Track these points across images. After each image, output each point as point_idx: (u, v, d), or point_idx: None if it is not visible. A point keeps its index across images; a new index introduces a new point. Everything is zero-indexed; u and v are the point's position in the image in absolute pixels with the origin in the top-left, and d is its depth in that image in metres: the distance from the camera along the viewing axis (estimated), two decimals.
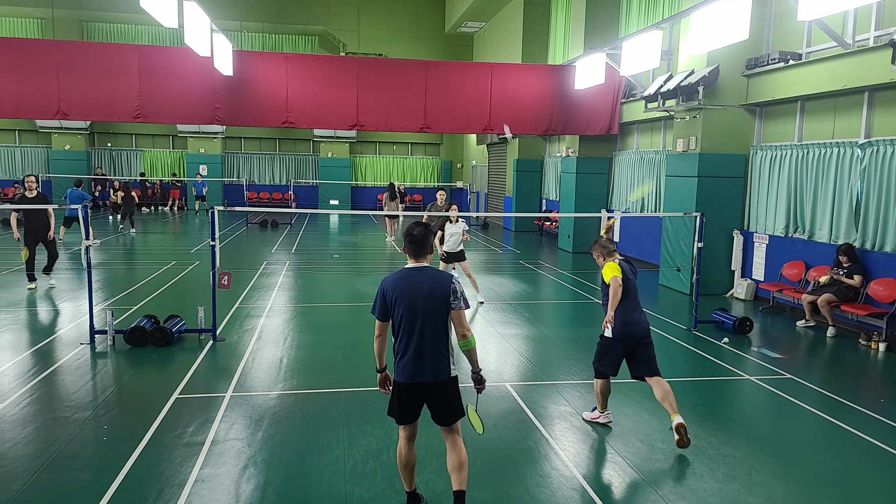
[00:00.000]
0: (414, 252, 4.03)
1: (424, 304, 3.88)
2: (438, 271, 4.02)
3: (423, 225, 4.08)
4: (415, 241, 4.00)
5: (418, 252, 4.01)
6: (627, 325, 5.39)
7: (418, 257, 4.03)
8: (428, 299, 3.88)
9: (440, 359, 3.91)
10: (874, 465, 5.13)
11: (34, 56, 13.24)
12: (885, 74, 8.47)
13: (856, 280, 8.93)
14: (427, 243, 4.03)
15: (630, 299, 5.41)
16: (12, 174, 28.61)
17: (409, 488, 4.21)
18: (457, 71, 15.33)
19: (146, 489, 4.42)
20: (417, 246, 4.00)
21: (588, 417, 5.78)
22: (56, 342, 7.88)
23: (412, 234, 4.01)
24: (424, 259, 4.05)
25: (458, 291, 3.94)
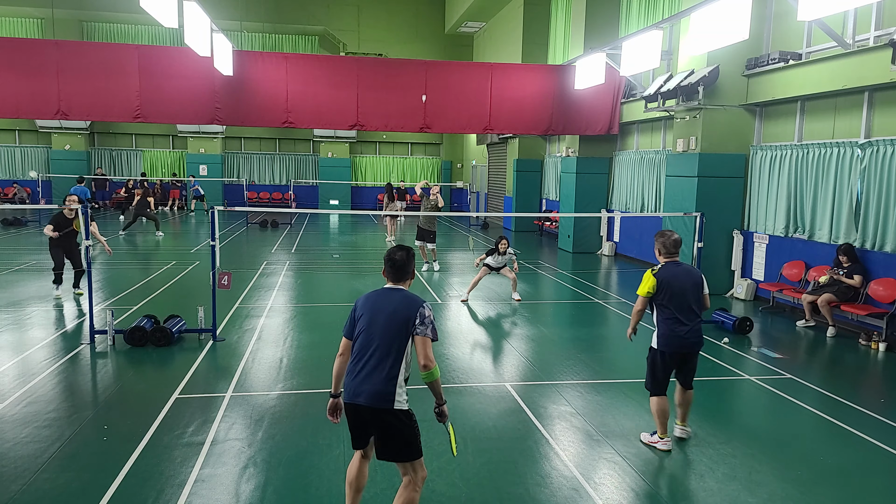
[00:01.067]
0: (393, 277, 3.84)
1: (384, 322, 3.61)
2: (413, 295, 3.76)
3: (406, 249, 3.90)
4: (396, 266, 3.81)
5: (397, 277, 3.83)
6: (672, 336, 5.02)
7: (397, 282, 3.84)
8: (390, 318, 3.61)
9: (385, 384, 3.54)
10: (874, 465, 5.13)
11: (34, 56, 13.24)
12: (885, 74, 8.47)
13: (856, 280, 8.93)
14: (408, 269, 3.85)
15: (678, 307, 5.01)
16: (12, 174, 28.62)
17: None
18: (457, 71, 15.32)
19: (146, 489, 4.42)
20: (398, 272, 3.82)
21: (646, 440, 5.32)
22: (56, 342, 7.87)
23: (393, 259, 3.82)
24: (403, 284, 3.85)
25: (427, 317, 3.62)
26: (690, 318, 5.05)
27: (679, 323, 5.01)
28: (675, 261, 5.15)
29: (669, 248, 5.12)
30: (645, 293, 5.07)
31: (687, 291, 5.03)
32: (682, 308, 5.02)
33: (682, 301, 5.02)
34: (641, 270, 6.63)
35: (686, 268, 5.13)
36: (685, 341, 5.04)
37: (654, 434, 5.30)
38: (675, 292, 5.01)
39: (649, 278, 5.05)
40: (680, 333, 5.02)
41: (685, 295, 5.02)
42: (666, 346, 5.06)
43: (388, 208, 18.35)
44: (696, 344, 5.10)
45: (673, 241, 5.11)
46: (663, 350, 5.08)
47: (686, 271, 5.10)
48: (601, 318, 10.11)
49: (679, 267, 5.11)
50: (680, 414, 5.39)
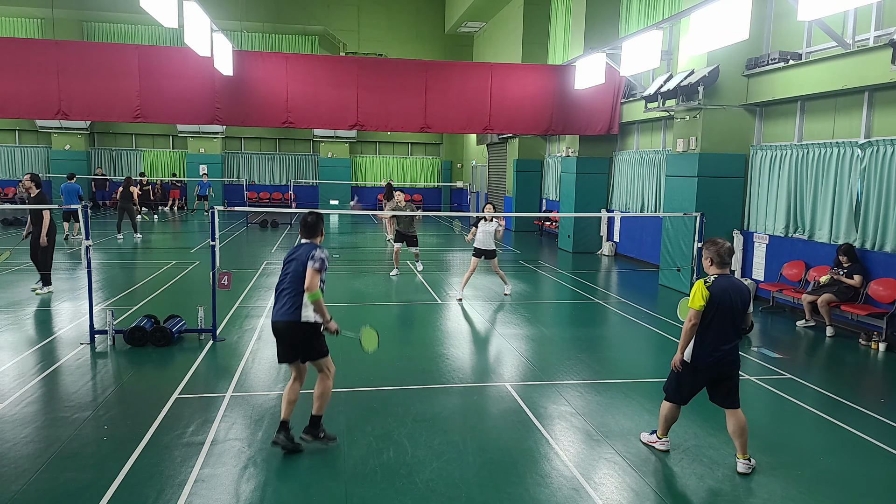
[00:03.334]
0: (305, 234, 5.13)
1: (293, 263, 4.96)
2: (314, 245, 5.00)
3: (316, 214, 5.21)
4: (307, 226, 5.12)
5: (309, 234, 5.13)
6: (715, 353, 4.70)
7: (308, 238, 5.12)
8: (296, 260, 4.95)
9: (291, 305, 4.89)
10: (874, 465, 5.13)
11: (34, 56, 13.24)
12: (885, 74, 8.47)
13: (856, 280, 8.93)
14: (317, 229, 5.15)
15: (722, 325, 4.67)
16: (12, 174, 28.61)
17: (284, 417, 4.99)
18: (457, 71, 15.32)
19: (146, 489, 4.42)
20: (309, 230, 5.13)
21: (645, 440, 5.29)
22: (56, 342, 7.87)
23: (306, 221, 5.14)
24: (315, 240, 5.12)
25: (318, 256, 4.85)
26: (732, 337, 4.73)
27: (721, 341, 4.69)
28: (726, 273, 4.77)
29: (724, 256, 4.74)
30: (699, 306, 4.64)
31: (736, 308, 4.70)
32: (726, 325, 4.69)
33: (730, 318, 4.69)
34: (641, 270, 6.60)
35: (737, 283, 4.79)
36: (723, 361, 4.73)
37: (653, 433, 5.28)
38: (728, 308, 4.66)
39: (702, 290, 4.64)
40: (722, 352, 4.70)
41: (734, 312, 4.70)
42: (701, 362, 4.75)
43: (387, 208, 18.33)
44: (733, 364, 4.79)
45: (727, 250, 4.76)
46: (696, 366, 4.78)
47: (737, 287, 4.75)
48: (601, 318, 10.11)
49: (730, 280, 4.75)
50: (739, 445, 4.86)
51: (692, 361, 4.79)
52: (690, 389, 4.92)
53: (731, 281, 4.76)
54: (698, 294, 4.66)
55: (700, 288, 4.67)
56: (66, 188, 17.78)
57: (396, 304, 10.73)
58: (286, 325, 4.93)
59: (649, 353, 8.34)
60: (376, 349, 5.35)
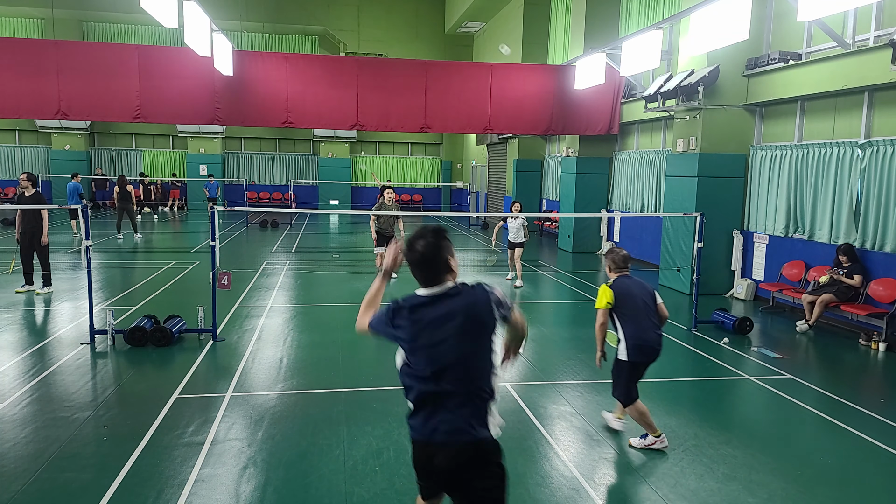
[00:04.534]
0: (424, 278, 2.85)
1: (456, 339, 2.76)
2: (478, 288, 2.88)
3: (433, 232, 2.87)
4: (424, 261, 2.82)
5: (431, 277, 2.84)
6: (642, 346, 5.06)
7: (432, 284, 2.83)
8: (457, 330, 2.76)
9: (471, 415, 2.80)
10: (874, 465, 5.13)
11: (34, 56, 13.24)
12: (885, 74, 8.47)
13: (856, 280, 8.94)
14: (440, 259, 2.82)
15: (639, 316, 5.05)
16: (12, 174, 28.61)
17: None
18: (457, 71, 15.32)
19: (146, 489, 4.42)
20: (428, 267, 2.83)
21: (638, 444, 5.24)
22: (56, 342, 7.87)
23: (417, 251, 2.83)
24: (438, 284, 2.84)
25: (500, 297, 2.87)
26: (652, 327, 5.11)
27: (644, 330, 5.07)
28: (625, 274, 5.26)
29: (619, 262, 5.28)
30: (604, 305, 5.11)
31: (645, 301, 5.11)
32: (644, 318, 5.08)
33: (642, 310, 5.08)
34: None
35: (638, 280, 5.25)
36: (653, 350, 5.12)
37: (645, 437, 5.26)
38: (635, 302, 5.08)
39: (606, 291, 5.11)
40: (647, 340, 5.08)
41: (645, 304, 5.10)
42: (636, 356, 5.10)
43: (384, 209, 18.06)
44: (658, 352, 5.18)
45: (622, 257, 5.28)
46: (633, 361, 5.11)
47: (639, 283, 5.21)
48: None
49: (630, 279, 5.22)
50: (620, 407, 5.45)
51: (628, 358, 5.11)
52: (634, 384, 5.21)
53: (632, 279, 5.24)
54: (603, 295, 5.12)
55: (604, 289, 5.14)
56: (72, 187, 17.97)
57: None
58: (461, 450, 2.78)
59: None
60: None
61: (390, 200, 12.31)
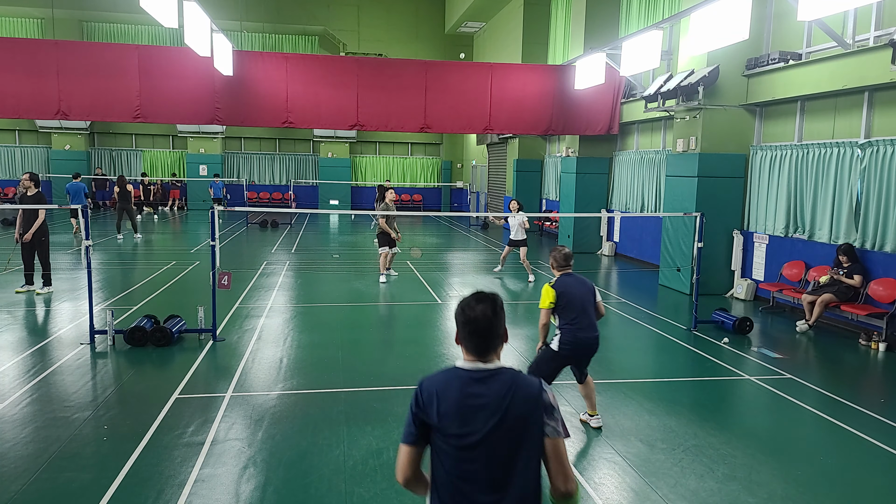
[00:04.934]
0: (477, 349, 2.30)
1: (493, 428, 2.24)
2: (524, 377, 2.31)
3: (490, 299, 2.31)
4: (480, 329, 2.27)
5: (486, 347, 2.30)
6: (574, 342, 5.33)
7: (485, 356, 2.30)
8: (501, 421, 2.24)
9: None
10: (874, 465, 5.13)
11: (34, 56, 13.24)
12: (885, 74, 8.47)
13: (856, 280, 8.93)
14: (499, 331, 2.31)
15: (577, 314, 5.31)
16: (12, 174, 28.61)
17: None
18: (457, 71, 15.33)
19: (146, 489, 4.42)
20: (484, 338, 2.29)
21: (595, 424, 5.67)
22: (56, 342, 7.87)
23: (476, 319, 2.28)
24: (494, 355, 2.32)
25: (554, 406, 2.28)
26: (589, 326, 5.35)
27: (580, 329, 5.30)
28: (568, 273, 5.49)
29: (560, 261, 5.49)
30: (547, 305, 5.30)
31: (584, 299, 5.36)
32: (582, 316, 5.32)
33: (580, 309, 5.32)
34: (641, 270, 6.65)
35: (580, 278, 5.49)
36: (587, 348, 5.39)
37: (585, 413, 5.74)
38: (574, 301, 5.31)
39: (549, 291, 5.31)
40: (581, 339, 5.33)
41: (583, 302, 5.34)
42: (567, 351, 5.34)
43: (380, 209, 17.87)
44: (594, 348, 5.44)
45: (564, 255, 5.50)
46: (564, 354, 5.36)
47: (580, 281, 5.46)
48: (601, 319, 10.09)
49: (573, 277, 5.46)
50: (589, 404, 5.70)
51: (559, 350, 5.36)
52: (553, 372, 5.46)
53: (574, 277, 5.46)
54: (546, 296, 5.31)
55: (546, 289, 5.34)
56: (73, 187, 17.95)
57: (396, 304, 10.73)
58: None
59: (649, 353, 8.34)
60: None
61: (391, 201, 12.46)
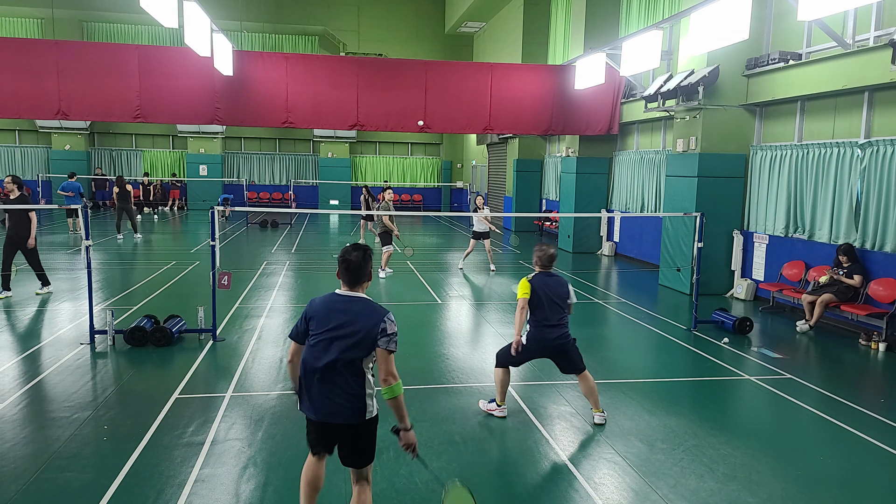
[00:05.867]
0: (349, 280, 3.54)
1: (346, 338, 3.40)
2: (373, 305, 3.51)
3: (362, 249, 3.57)
4: (350, 267, 3.52)
5: (354, 280, 3.54)
6: (540, 338, 5.54)
7: (353, 287, 3.54)
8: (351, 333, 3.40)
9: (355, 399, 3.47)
10: (874, 465, 5.13)
11: (34, 56, 13.24)
12: (885, 74, 8.47)
13: (856, 280, 8.93)
14: (364, 271, 3.55)
15: (547, 314, 5.52)
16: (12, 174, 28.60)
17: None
18: (457, 71, 15.33)
19: (146, 489, 4.42)
20: (354, 274, 3.53)
21: (483, 407, 5.91)
22: (56, 342, 7.87)
23: (348, 260, 3.52)
24: (360, 289, 3.57)
25: (390, 331, 3.41)
26: (557, 326, 5.56)
27: (547, 328, 5.52)
28: (548, 272, 5.70)
29: (545, 261, 5.67)
30: (522, 295, 5.54)
31: (556, 300, 5.56)
32: (551, 315, 5.52)
33: (548, 309, 5.52)
34: (641, 270, 6.66)
35: (558, 279, 5.69)
36: (552, 343, 5.57)
37: (491, 402, 5.86)
38: (544, 301, 5.51)
39: (524, 283, 5.55)
40: (547, 337, 5.54)
41: (554, 303, 5.54)
42: (533, 345, 5.59)
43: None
44: (563, 344, 5.61)
45: (548, 257, 5.66)
46: (531, 348, 5.60)
47: (557, 282, 5.65)
48: (601, 318, 10.11)
49: (550, 276, 5.67)
50: (592, 402, 5.79)
51: (526, 343, 5.61)
52: (522, 360, 5.68)
53: (552, 277, 5.68)
54: (522, 287, 5.57)
55: (523, 282, 5.59)
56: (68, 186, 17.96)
57: (396, 304, 10.73)
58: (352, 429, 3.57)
59: (649, 353, 8.34)
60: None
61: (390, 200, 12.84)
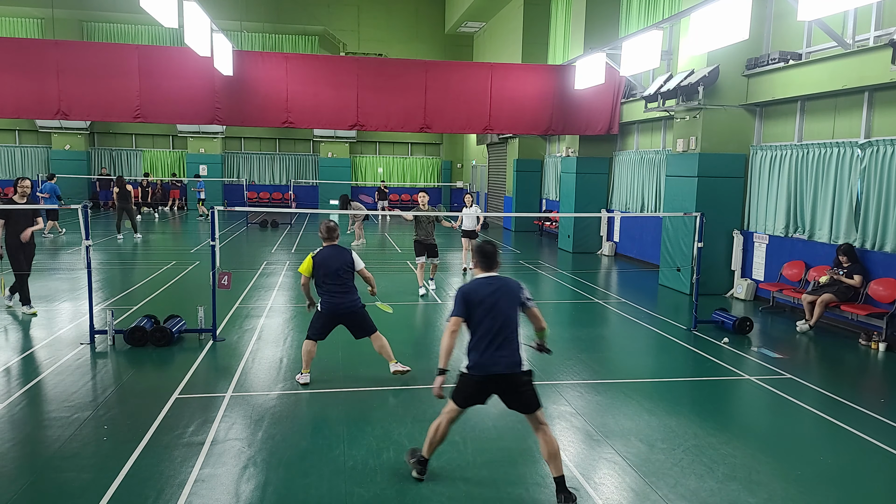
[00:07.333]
0: (487, 266, 4.55)
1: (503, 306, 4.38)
2: (508, 278, 4.53)
3: (492, 242, 4.65)
4: (487, 255, 4.54)
5: (490, 265, 4.55)
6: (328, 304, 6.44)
7: (491, 270, 4.55)
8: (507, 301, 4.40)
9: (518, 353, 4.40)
10: (874, 465, 5.13)
11: (34, 56, 13.24)
12: (885, 74, 8.47)
13: (856, 280, 8.93)
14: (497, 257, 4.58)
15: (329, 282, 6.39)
16: (12, 174, 28.59)
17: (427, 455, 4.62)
18: (457, 71, 15.32)
19: (146, 489, 4.42)
20: (489, 260, 4.55)
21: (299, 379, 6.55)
22: (56, 342, 7.87)
23: (485, 251, 4.55)
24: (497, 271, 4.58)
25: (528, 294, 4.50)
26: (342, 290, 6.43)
27: (332, 294, 6.42)
28: (332, 245, 6.54)
29: (324, 234, 6.57)
30: (305, 270, 6.45)
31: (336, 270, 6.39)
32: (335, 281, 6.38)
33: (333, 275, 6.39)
34: (641, 270, 6.62)
35: (338, 248, 6.54)
36: (338, 307, 6.43)
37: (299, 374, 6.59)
38: (328, 271, 6.37)
39: (308, 260, 6.45)
40: (334, 302, 6.42)
41: (336, 272, 6.39)
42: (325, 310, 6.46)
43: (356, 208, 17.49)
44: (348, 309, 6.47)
45: (326, 228, 6.58)
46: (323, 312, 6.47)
47: (337, 251, 6.49)
48: (601, 318, 10.11)
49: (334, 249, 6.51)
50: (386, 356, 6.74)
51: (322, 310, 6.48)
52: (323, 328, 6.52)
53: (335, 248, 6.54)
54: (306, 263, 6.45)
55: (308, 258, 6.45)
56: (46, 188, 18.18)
57: (397, 304, 10.72)
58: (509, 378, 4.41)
59: (649, 353, 8.34)
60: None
61: (424, 205, 11.30)
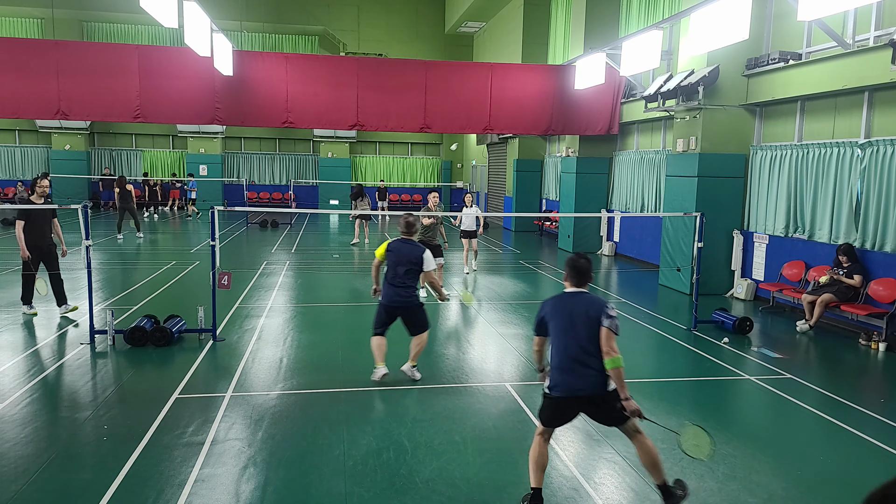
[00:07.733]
0: (577, 281, 4.32)
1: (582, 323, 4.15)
2: (593, 296, 4.28)
3: (586, 257, 4.37)
4: (580, 271, 4.29)
5: (582, 281, 4.31)
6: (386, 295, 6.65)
7: (580, 286, 4.32)
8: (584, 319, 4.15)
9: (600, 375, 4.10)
10: (874, 465, 5.13)
11: (34, 56, 13.24)
12: (885, 74, 8.47)
13: (856, 280, 8.93)
14: (590, 274, 4.34)
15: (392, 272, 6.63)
16: (12, 174, 28.61)
17: (535, 484, 4.25)
18: (457, 71, 15.33)
19: (146, 489, 4.42)
20: (582, 276, 4.31)
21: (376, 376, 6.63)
22: (56, 342, 7.87)
23: (578, 266, 4.30)
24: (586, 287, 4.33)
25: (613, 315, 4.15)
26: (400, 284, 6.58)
27: (390, 285, 6.62)
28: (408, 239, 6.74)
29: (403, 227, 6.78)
30: (379, 254, 6.71)
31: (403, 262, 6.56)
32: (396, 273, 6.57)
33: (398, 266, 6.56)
34: (641, 270, 6.59)
35: (413, 243, 6.70)
36: (392, 300, 6.59)
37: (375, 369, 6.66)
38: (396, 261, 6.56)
39: (384, 244, 6.71)
40: (389, 294, 6.60)
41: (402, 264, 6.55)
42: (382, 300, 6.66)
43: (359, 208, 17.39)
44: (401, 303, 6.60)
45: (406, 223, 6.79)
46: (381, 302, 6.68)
47: (411, 246, 6.64)
48: None
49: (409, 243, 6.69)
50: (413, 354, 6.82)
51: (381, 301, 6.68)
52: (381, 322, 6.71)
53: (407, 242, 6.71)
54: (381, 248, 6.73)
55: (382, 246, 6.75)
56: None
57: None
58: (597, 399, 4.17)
59: (649, 353, 8.34)
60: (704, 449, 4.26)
61: (435, 205, 10.95)
